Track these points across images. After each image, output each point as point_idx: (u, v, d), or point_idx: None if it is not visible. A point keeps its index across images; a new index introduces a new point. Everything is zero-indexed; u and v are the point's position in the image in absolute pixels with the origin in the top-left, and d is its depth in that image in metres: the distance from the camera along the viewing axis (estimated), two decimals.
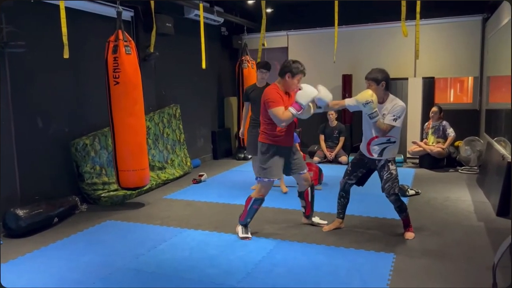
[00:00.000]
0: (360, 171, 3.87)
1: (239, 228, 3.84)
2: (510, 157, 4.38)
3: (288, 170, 3.88)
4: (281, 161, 3.73)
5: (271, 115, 3.58)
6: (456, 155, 6.77)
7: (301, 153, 7.68)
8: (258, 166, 3.78)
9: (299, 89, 3.55)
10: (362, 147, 3.82)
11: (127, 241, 3.85)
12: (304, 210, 4.12)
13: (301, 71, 3.62)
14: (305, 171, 3.91)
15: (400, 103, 3.63)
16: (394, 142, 3.66)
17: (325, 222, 4.10)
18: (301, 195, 4.04)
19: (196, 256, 3.47)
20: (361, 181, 3.95)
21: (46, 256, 3.52)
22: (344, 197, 3.96)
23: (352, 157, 4.11)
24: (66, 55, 3.95)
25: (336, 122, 7.48)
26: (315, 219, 4.13)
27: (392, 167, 3.68)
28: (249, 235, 3.78)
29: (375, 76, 3.57)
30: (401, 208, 3.75)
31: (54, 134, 4.78)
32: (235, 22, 7.99)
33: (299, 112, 3.50)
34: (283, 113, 3.52)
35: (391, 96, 3.70)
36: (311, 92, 3.51)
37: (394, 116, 3.54)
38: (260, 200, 3.77)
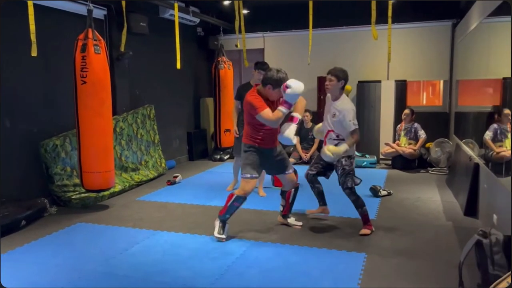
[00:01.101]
0: (321, 163, 4.05)
1: (217, 224, 3.77)
2: (477, 158, 4.53)
3: (273, 169, 3.96)
4: (262, 160, 3.74)
5: (261, 119, 3.57)
6: (427, 156, 6.94)
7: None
8: (242, 163, 3.80)
9: (284, 88, 3.53)
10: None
11: (98, 244, 3.78)
12: (282, 209, 4.14)
13: (283, 83, 3.55)
14: (290, 171, 3.93)
15: (350, 105, 3.85)
16: (343, 139, 3.83)
17: (300, 223, 4.12)
18: (283, 194, 4.06)
19: (168, 258, 3.43)
20: (324, 173, 4.11)
21: (13, 260, 3.41)
22: (313, 187, 4.16)
23: None
24: (34, 53, 3.84)
25: (311, 123, 7.55)
26: (291, 220, 4.14)
27: (345, 162, 3.84)
28: (223, 236, 3.73)
29: (338, 74, 3.81)
30: (357, 203, 3.89)
31: (23, 134, 4.65)
32: (211, 23, 7.96)
33: (290, 110, 3.57)
34: (273, 114, 3.53)
35: (343, 95, 3.90)
36: (298, 88, 3.49)
37: (351, 120, 3.75)
38: (242, 199, 3.72)
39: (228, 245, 3.65)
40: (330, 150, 3.73)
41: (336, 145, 3.82)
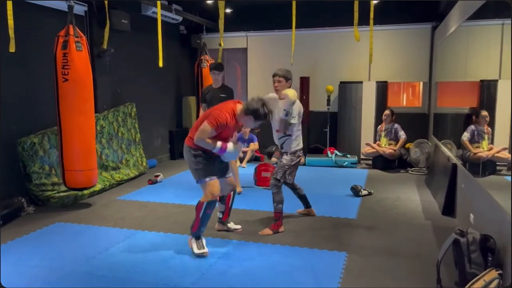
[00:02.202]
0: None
1: (193, 243, 3.47)
2: (455, 159, 4.63)
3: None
4: (210, 163, 3.54)
5: (200, 127, 3.38)
6: (407, 156, 7.06)
7: (260, 154, 7.72)
8: (192, 170, 3.52)
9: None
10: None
11: (78, 244, 3.71)
12: (221, 216, 3.94)
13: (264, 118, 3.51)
14: (230, 175, 3.79)
15: (298, 103, 4.01)
16: (290, 135, 3.98)
17: (240, 226, 4.04)
18: (223, 199, 3.84)
19: (150, 258, 3.40)
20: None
21: None
22: (294, 192, 4.35)
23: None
24: (12, 48, 3.76)
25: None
26: (230, 225, 4.02)
27: (286, 157, 3.99)
28: (205, 249, 3.44)
29: (286, 75, 4.00)
30: (274, 197, 3.96)
31: (0, 132, 4.52)
32: (194, 21, 7.92)
33: (220, 153, 3.44)
34: (208, 137, 3.36)
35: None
36: (236, 153, 3.55)
37: (294, 115, 3.92)
38: (213, 203, 3.49)
39: (210, 245, 3.63)
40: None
41: (283, 142, 4.01)
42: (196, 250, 3.42)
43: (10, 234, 3.92)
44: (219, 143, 3.40)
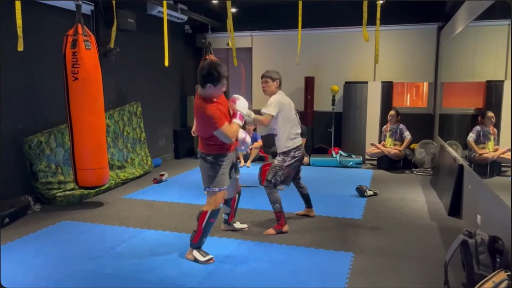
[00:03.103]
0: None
1: (195, 254, 3.31)
2: (461, 159, 4.61)
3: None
4: (226, 170, 3.40)
5: (218, 134, 3.20)
6: (412, 157, 7.04)
7: (264, 154, 7.73)
8: (205, 175, 3.34)
9: (234, 100, 3.41)
10: None
11: (84, 243, 3.73)
12: (227, 217, 3.92)
13: (226, 77, 3.27)
14: (238, 176, 3.69)
15: (283, 97, 3.98)
16: (276, 135, 4.01)
17: (245, 225, 4.04)
18: (228, 202, 3.79)
19: (156, 257, 3.40)
20: (295, 177, 4.22)
21: None
22: (298, 190, 4.35)
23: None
24: (20, 47, 3.76)
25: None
26: (237, 225, 4.02)
27: (278, 158, 4.00)
28: (209, 256, 3.32)
29: (271, 75, 3.96)
30: (269, 198, 3.94)
31: (6, 130, 4.55)
32: (199, 21, 7.93)
33: (242, 122, 3.40)
34: (229, 129, 3.24)
35: (280, 92, 4.03)
36: (245, 102, 3.48)
37: (269, 104, 3.89)
38: (217, 212, 3.34)
39: (216, 245, 3.64)
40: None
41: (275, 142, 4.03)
42: (202, 259, 3.28)
43: (16, 232, 3.94)
44: (235, 120, 3.33)
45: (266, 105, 3.93)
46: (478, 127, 4.20)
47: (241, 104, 3.42)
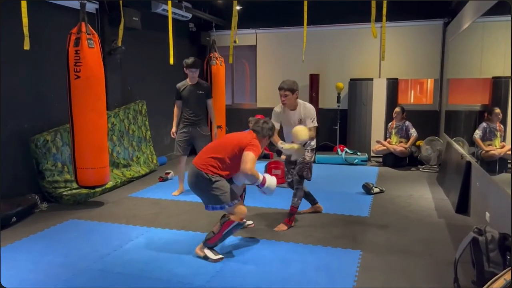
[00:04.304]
0: (292, 168, 4.16)
1: (206, 251, 3.36)
2: (468, 156, 4.58)
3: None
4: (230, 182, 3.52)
5: (246, 157, 3.30)
6: (418, 154, 7.01)
7: (269, 151, 7.71)
8: (213, 196, 3.34)
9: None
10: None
11: (91, 241, 3.73)
12: None
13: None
14: None
15: (310, 105, 4.06)
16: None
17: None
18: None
19: (163, 255, 3.41)
20: None
21: (4, 258, 3.35)
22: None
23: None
24: (26, 46, 3.76)
25: None
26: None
27: (308, 154, 4.06)
28: (220, 255, 3.36)
29: (292, 87, 3.94)
30: (297, 193, 3.99)
31: (13, 129, 4.56)
32: (203, 19, 7.90)
33: (261, 186, 3.41)
34: (254, 166, 3.33)
35: (300, 101, 4.06)
36: (274, 186, 3.50)
37: (312, 119, 3.98)
38: (241, 225, 3.46)
39: (224, 243, 3.64)
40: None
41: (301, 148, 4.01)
42: (213, 257, 3.31)
43: (24, 231, 3.95)
44: (261, 176, 3.38)
45: (307, 116, 3.97)
46: (484, 124, 4.17)
47: (270, 182, 3.47)
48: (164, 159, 7.15)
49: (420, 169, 6.76)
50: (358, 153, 7.34)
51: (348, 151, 7.39)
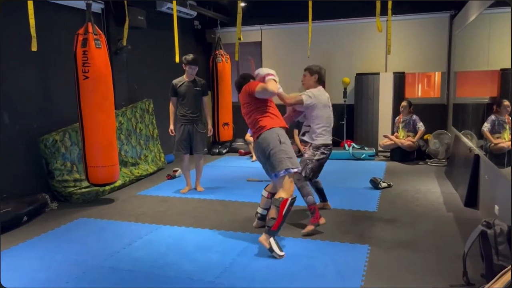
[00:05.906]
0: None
1: (272, 242, 3.29)
2: (477, 149, 4.55)
3: None
4: None
5: (262, 90, 3.40)
6: (426, 148, 6.97)
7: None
8: (281, 158, 3.32)
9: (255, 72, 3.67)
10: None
11: (101, 239, 3.78)
12: (265, 213, 3.78)
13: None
14: None
15: (315, 90, 4.00)
16: (309, 126, 4.02)
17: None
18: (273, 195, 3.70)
19: (172, 252, 3.44)
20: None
21: (16, 256, 3.41)
22: (312, 185, 4.25)
23: None
24: (34, 47, 3.80)
25: None
26: None
27: (308, 151, 4.02)
28: (283, 252, 3.31)
29: (310, 68, 4.06)
30: (301, 192, 3.85)
31: (22, 130, 4.61)
32: (208, 16, 7.91)
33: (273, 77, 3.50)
34: (268, 84, 3.40)
35: (320, 88, 4.06)
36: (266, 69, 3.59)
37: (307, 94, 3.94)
38: (295, 200, 3.41)
39: (232, 239, 3.66)
40: None
41: (305, 132, 4.08)
42: (278, 252, 3.27)
43: (35, 230, 4.01)
44: (269, 77, 3.46)
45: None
46: (493, 116, 4.14)
47: (262, 69, 3.55)
48: (171, 157, 7.19)
49: (428, 163, 6.72)
50: (366, 148, 7.32)
51: (356, 146, 7.37)
